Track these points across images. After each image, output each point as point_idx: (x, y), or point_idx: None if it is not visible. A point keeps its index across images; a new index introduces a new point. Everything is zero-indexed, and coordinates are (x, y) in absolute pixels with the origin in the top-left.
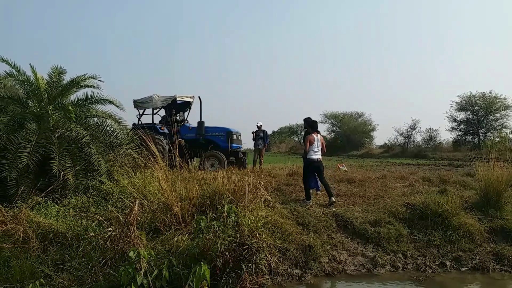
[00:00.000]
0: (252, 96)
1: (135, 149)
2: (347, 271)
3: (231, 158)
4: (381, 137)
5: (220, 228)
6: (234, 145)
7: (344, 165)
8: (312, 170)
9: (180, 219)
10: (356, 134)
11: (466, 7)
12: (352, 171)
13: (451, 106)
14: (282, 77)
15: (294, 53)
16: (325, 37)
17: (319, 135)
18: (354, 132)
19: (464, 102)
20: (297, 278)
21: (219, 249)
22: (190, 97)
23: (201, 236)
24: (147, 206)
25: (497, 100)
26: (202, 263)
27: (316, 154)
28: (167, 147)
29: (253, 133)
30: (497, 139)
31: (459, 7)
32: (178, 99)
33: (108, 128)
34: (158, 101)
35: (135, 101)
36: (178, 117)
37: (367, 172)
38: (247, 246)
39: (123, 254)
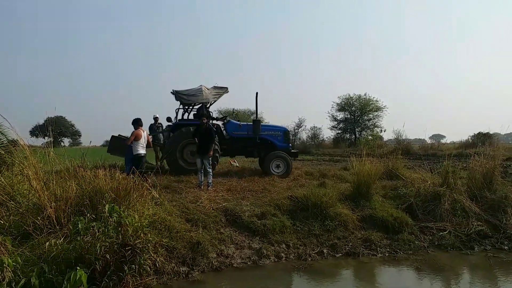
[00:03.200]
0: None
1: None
2: (234, 265)
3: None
4: None
5: (100, 230)
6: (290, 145)
7: (236, 161)
8: (137, 163)
9: (55, 221)
10: None
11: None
12: (244, 166)
13: (332, 107)
14: (172, 69)
15: (187, 47)
16: (226, 34)
17: (145, 131)
18: None
19: (343, 103)
20: (184, 275)
21: (98, 251)
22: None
23: (78, 238)
24: (14, 208)
25: (371, 102)
26: (78, 267)
27: (143, 149)
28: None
29: (156, 125)
30: (370, 137)
31: (339, 18)
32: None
33: None
34: (210, 94)
35: (178, 93)
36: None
37: (257, 167)
38: (130, 247)
39: None
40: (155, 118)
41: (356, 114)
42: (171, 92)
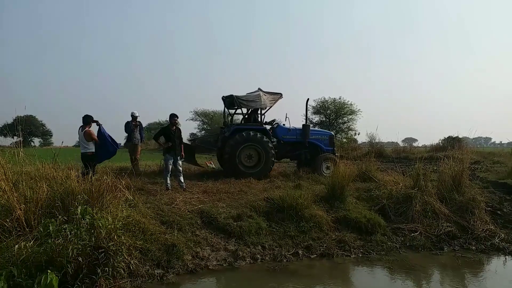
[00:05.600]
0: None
1: None
2: (209, 267)
3: None
4: None
5: (72, 232)
6: (334, 148)
7: (212, 163)
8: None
9: (24, 223)
10: None
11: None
12: (220, 168)
13: (308, 110)
14: (148, 71)
15: (166, 48)
16: (200, 36)
17: (81, 131)
18: None
19: (319, 106)
20: (158, 278)
21: (70, 254)
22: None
23: (49, 241)
24: None
25: (345, 106)
26: (49, 271)
27: (81, 148)
28: None
29: (134, 124)
30: (345, 140)
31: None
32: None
33: None
34: (267, 100)
35: (238, 98)
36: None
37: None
38: (103, 250)
39: None
40: (134, 116)
41: (331, 117)
42: (223, 98)
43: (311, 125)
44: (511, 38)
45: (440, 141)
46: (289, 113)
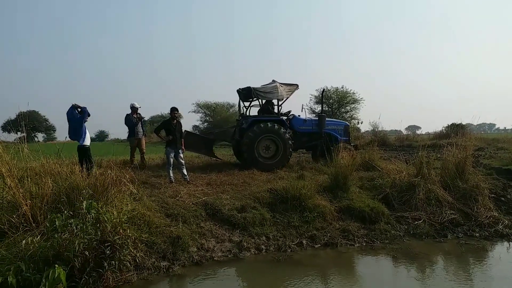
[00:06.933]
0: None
1: None
2: (214, 258)
3: None
4: None
5: (79, 226)
6: (349, 138)
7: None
8: None
9: (31, 219)
10: (228, 124)
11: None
12: (224, 159)
13: (310, 99)
14: (155, 63)
15: (169, 42)
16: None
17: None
18: (226, 122)
19: (321, 95)
20: (164, 270)
21: (77, 248)
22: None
23: (56, 236)
24: None
25: (348, 95)
26: (56, 265)
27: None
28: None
29: (135, 116)
30: None
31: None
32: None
33: None
34: (284, 91)
35: (255, 90)
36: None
37: (236, 160)
38: (109, 243)
39: None
40: (135, 108)
41: (334, 106)
42: (238, 90)
43: (314, 115)
44: None
45: (443, 128)
46: (293, 105)
